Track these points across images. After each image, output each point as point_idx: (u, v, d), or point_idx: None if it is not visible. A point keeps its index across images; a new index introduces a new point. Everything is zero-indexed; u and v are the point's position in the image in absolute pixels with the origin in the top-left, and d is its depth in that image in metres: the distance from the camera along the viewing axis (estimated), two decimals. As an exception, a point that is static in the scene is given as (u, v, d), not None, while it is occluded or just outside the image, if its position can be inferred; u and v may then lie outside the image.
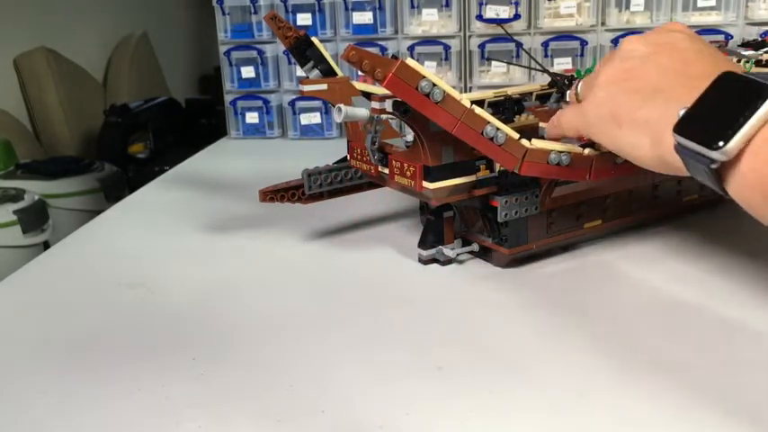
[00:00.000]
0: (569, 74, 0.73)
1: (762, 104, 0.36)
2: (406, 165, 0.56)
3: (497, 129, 0.52)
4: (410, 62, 0.49)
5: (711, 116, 0.38)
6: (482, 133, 0.52)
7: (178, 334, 0.52)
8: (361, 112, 0.55)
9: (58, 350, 0.51)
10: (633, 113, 0.45)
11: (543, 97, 0.73)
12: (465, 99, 0.52)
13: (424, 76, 0.49)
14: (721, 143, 0.36)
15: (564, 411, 0.41)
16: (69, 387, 0.46)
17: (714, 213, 0.70)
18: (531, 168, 0.54)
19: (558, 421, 0.40)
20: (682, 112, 0.39)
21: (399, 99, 0.51)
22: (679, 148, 0.39)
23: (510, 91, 0.72)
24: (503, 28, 1.09)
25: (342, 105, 0.54)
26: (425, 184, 0.55)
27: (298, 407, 0.42)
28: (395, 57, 0.49)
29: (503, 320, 0.52)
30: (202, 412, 0.42)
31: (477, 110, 0.52)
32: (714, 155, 0.37)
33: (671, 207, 0.68)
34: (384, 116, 0.55)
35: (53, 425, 0.42)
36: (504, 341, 0.49)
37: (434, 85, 0.50)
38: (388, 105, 0.53)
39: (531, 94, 0.73)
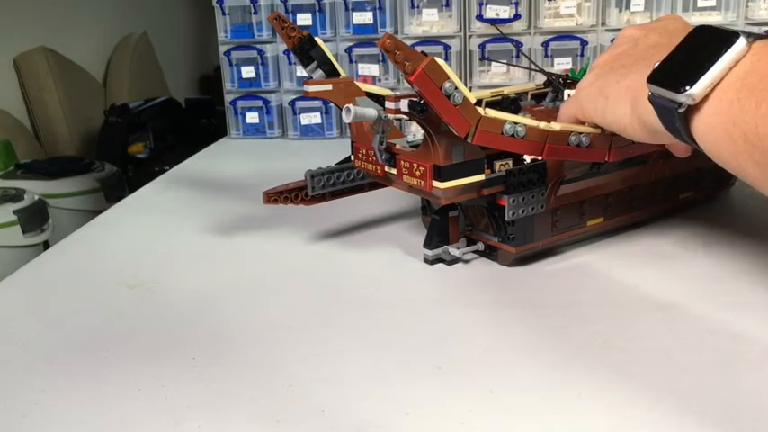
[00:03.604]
0: (565, 74, 0.74)
1: (727, 50, 0.38)
2: (415, 165, 0.56)
3: (515, 123, 0.53)
4: (439, 61, 0.50)
5: (682, 64, 0.40)
6: (502, 133, 0.53)
7: (178, 334, 0.52)
8: (370, 112, 0.55)
9: (57, 350, 0.51)
10: (618, 84, 0.48)
11: (539, 96, 0.74)
12: (480, 110, 0.52)
13: (449, 77, 0.50)
14: (687, 87, 0.38)
15: (564, 411, 0.41)
16: (69, 387, 0.46)
17: (710, 208, 0.71)
18: (554, 152, 0.55)
19: (559, 421, 0.40)
20: (656, 65, 0.42)
21: (415, 99, 0.52)
22: (652, 99, 0.41)
23: (506, 91, 0.72)
24: (497, 28, 1.09)
25: (351, 106, 0.54)
26: (436, 183, 0.55)
27: (298, 407, 0.42)
28: (424, 54, 0.50)
29: (506, 320, 0.52)
30: (202, 412, 0.42)
31: (491, 113, 0.52)
32: (681, 98, 0.39)
33: (668, 204, 0.69)
34: (391, 116, 0.55)
35: (53, 425, 0.42)
36: (505, 341, 0.49)
37: (456, 88, 0.50)
38: (403, 105, 0.53)
39: (526, 93, 0.73)
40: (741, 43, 0.38)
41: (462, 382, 0.44)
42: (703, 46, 0.40)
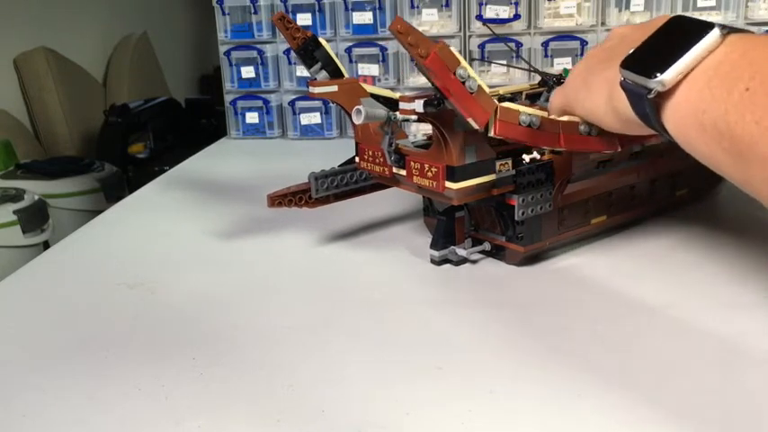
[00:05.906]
0: (558, 74, 0.74)
1: (701, 39, 0.38)
2: (427, 165, 0.56)
3: (530, 114, 0.53)
4: (451, 47, 0.50)
5: (655, 51, 0.41)
6: (519, 123, 0.53)
7: (178, 334, 0.52)
8: (380, 112, 0.55)
9: (57, 350, 0.51)
10: (598, 75, 0.49)
11: (533, 96, 0.74)
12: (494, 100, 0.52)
13: (461, 63, 0.50)
14: (658, 73, 0.39)
15: (564, 412, 0.41)
16: (69, 387, 0.46)
17: (709, 205, 0.72)
18: (570, 141, 0.55)
19: (559, 422, 0.40)
20: (630, 51, 0.42)
21: (429, 98, 0.52)
22: (624, 84, 0.42)
23: (502, 90, 0.72)
24: (489, 28, 1.09)
25: (362, 107, 0.54)
26: (449, 184, 0.55)
27: (298, 407, 0.42)
28: (435, 40, 0.50)
29: (507, 320, 0.52)
30: (202, 412, 0.42)
31: (505, 103, 0.53)
32: (651, 84, 0.39)
33: (666, 202, 0.70)
34: (401, 117, 0.55)
35: (53, 425, 0.42)
36: (506, 341, 0.49)
37: (469, 75, 0.50)
38: (418, 105, 0.52)
39: (521, 93, 0.73)
40: (715, 34, 0.38)
41: (462, 382, 0.44)
42: (677, 35, 0.40)
